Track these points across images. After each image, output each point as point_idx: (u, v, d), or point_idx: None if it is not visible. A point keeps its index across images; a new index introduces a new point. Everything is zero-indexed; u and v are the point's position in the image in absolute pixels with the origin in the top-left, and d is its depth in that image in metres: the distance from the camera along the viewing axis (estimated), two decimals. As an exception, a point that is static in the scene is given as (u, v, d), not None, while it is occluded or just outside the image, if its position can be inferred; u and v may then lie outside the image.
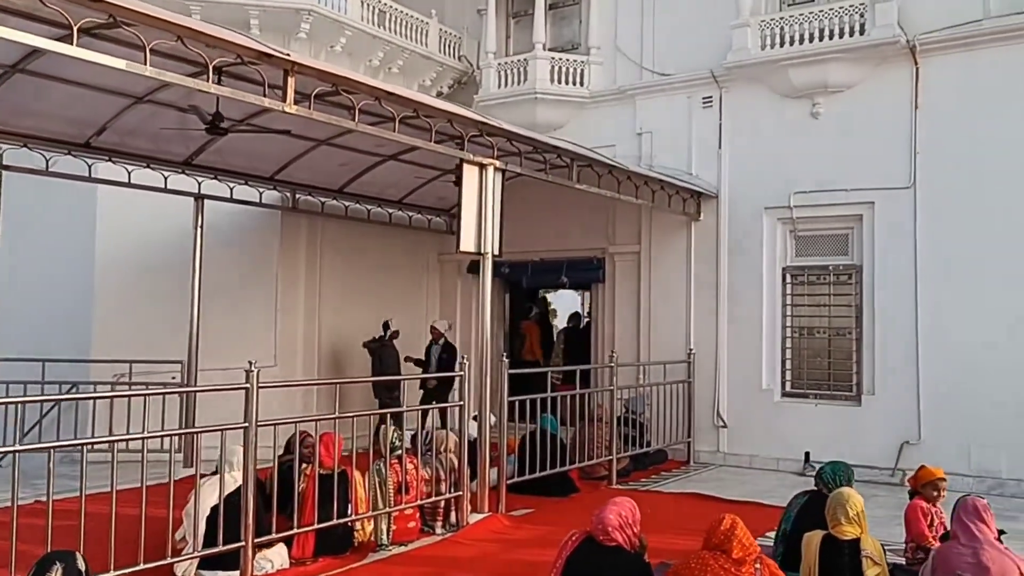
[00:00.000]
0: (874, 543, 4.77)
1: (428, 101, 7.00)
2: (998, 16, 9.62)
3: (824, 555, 4.75)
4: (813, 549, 4.78)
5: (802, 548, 4.88)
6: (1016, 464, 9.38)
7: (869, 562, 4.65)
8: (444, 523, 7.50)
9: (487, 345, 7.79)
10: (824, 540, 4.79)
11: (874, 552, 4.70)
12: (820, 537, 4.81)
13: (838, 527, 4.77)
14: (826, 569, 4.71)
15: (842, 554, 4.69)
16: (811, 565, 4.76)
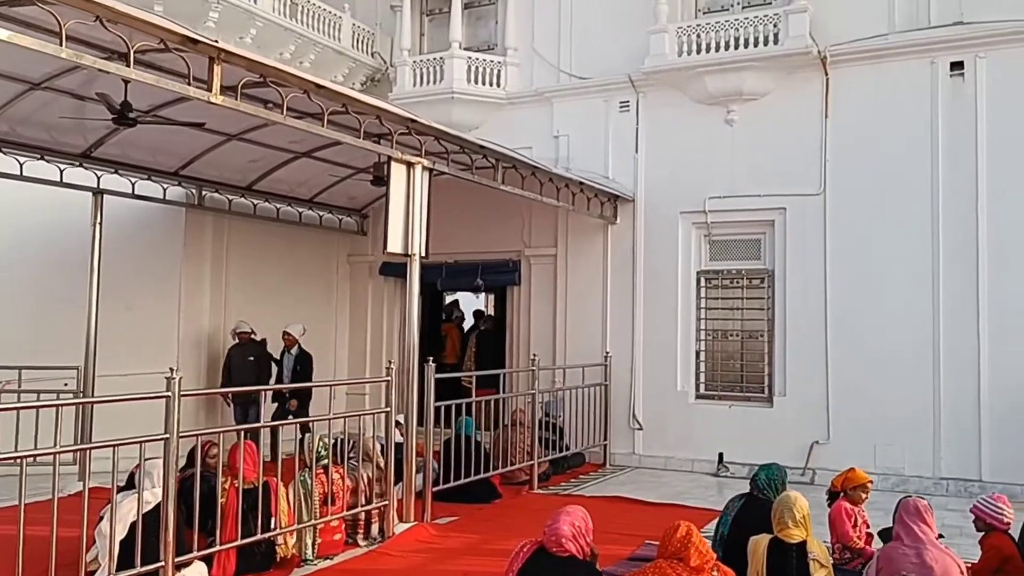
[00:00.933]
0: (820, 545, 4.80)
1: (359, 96, 6.74)
2: (902, 31, 10.02)
3: (771, 559, 4.75)
4: (760, 553, 4.77)
5: (748, 553, 4.87)
6: (918, 461, 9.78)
7: (816, 564, 4.67)
8: (366, 534, 7.24)
9: (414, 348, 7.56)
10: (771, 544, 4.78)
11: (820, 555, 4.73)
12: (767, 541, 4.80)
13: (785, 530, 4.78)
14: (774, 573, 4.71)
15: (790, 557, 4.70)
16: (759, 569, 4.75)
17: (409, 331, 7.59)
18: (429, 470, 7.88)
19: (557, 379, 11.08)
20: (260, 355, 10.93)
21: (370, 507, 7.12)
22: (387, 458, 7.24)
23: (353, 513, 6.96)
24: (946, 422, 9.66)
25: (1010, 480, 9.14)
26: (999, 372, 9.44)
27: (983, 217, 9.59)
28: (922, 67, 9.94)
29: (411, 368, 7.46)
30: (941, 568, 4.35)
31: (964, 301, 9.63)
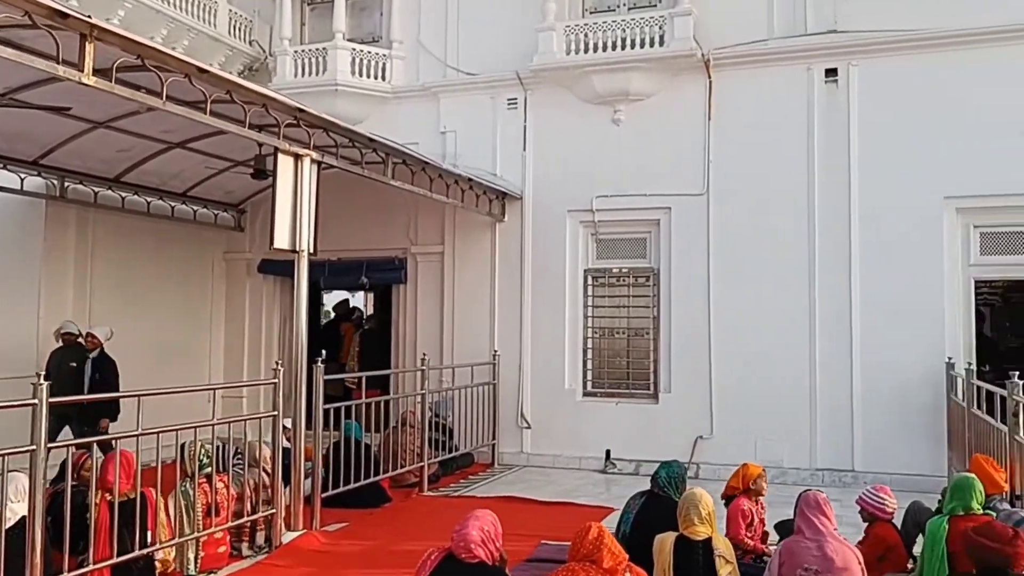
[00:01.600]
0: (725, 542, 4.85)
1: (245, 84, 6.35)
2: (782, 37, 10.37)
3: (678, 556, 4.75)
4: (667, 551, 4.76)
5: (654, 552, 4.85)
6: (795, 453, 10.14)
7: (722, 560, 4.71)
8: (251, 544, 6.88)
9: (302, 349, 7.23)
10: (677, 541, 4.78)
11: (726, 551, 4.77)
12: (673, 539, 4.80)
13: (691, 527, 4.79)
14: (680, 570, 4.71)
15: (696, 554, 4.71)
16: (666, 567, 4.74)
17: (297, 331, 7.25)
18: (318, 475, 7.55)
19: (445, 379, 10.90)
20: (82, 360, 9.42)
21: (256, 516, 6.76)
22: (275, 464, 6.89)
23: (238, 523, 6.59)
24: (822, 416, 10.05)
25: (880, 470, 9.58)
26: (870, 368, 9.89)
27: (855, 219, 10.03)
28: (799, 73, 10.31)
29: (299, 369, 7.13)
30: (841, 559, 4.45)
31: (838, 300, 10.05)
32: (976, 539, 4.38)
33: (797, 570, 4.48)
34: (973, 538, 4.40)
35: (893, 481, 8.16)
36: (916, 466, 9.42)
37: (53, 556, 5.14)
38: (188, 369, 11.96)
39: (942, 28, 9.75)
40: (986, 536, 4.36)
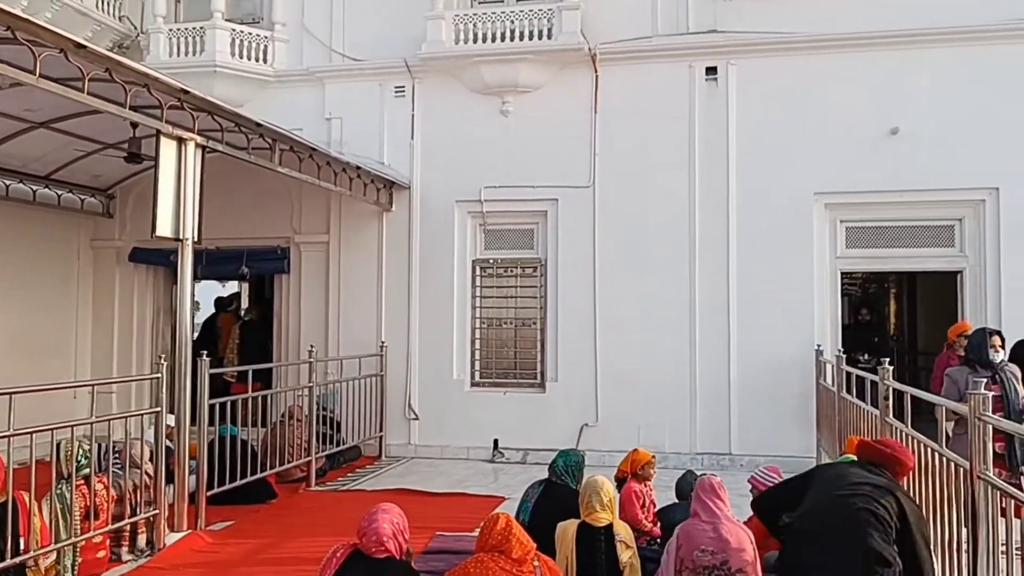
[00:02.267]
0: (625, 527, 4.96)
1: (127, 62, 6.00)
2: (665, 35, 10.65)
3: (580, 543, 4.83)
4: (570, 538, 4.84)
5: (556, 539, 4.91)
6: (676, 439, 10.47)
7: (623, 546, 4.82)
8: (131, 547, 6.56)
9: (187, 342, 6.93)
10: (579, 528, 4.87)
11: (626, 536, 4.88)
12: (575, 526, 4.88)
13: (593, 514, 4.88)
14: (583, 556, 4.80)
15: (598, 540, 4.81)
16: (568, 553, 4.81)
17: (182, 323, 6.95)
18: (203, 473, 7.26)
19: (331, 371, 10.69)
20: None
21: (137, 518, 6.45)
22: (157, 463, 6.58)
23: (118, 527, 6.26)
24: (701, 402, 10.42)
25: (754, 452, 10.03)
26: (745, 356, 10.32)
27: (732, 212, 10.43)
28: (681, 70, 10.62)
29: (184, 363, 6.83)
30: (736, 540, 4.62)
31: (716, 291, 10.43)
32: (874, 445, 4.72)
33: (694, 552, 4.63)
34: (871, 444, 4.75)
35: (767, 463, 8.51)
36: (788, 448, 9.89)
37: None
38: (52, 364, 11.27)
39: (814, 32, 10.25)
40: (881, 443, 4.76)
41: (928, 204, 10.23)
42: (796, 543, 4.46)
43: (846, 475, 4.50)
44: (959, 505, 4.25)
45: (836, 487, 4.42)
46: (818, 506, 4.42)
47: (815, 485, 4.58)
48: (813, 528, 4.36)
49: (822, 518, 4.35)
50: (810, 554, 4.29)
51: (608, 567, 4.74)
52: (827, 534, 4.26)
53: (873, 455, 4.62)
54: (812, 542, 4.30)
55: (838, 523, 4.24)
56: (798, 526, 4.46)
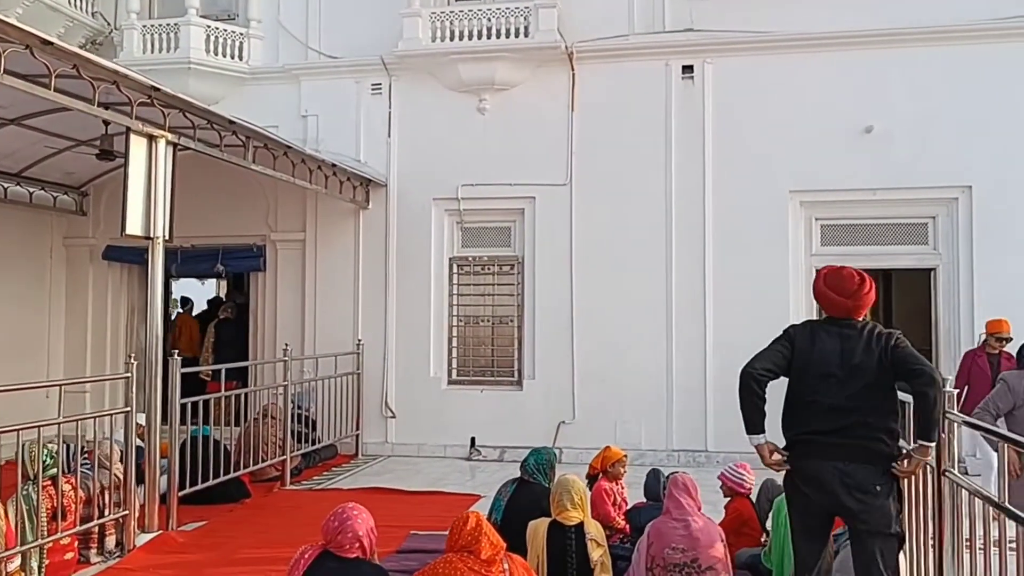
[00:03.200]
0: (596, 526, 4.97)
1: (95, 59, 5.93)
2: (641, 33, 10.66)
3: (551, 541, 4.83)
4: (541, 537, 4.84)
5: (528, 538, 4.92)
6: (653, 436, 10.50)
7: (593, 544, 4.83)
8: (100, 549, 6.49)
9: (157, 341, 6.87)
10: (550, 527, 4.87)
11: (597, 534, 4.89)
12: (547, 524, 4.88)
13: (564, 512, 4.88)
14: (554, 554, 4.80)
15: (569, 538, 4.82)
16: (539, 552, 4.82)
17: (152, 322, 6.88)
18: (174, 473, 7.21)
19: (307, 369, 10.63)
20: None
21: (106, 519, 6.38)
22: (127, 463, 6.52)
23: (87, 528, 6.20)
24: (677, 399, 10.45)
25: (730, 449, 9.99)
26: (721, 352, 10.32)
27: (709, 210, 10.46)
28: (658, 68, 10.63)
29: (155, 362, 6.77)
30: (706, 537, 4.65)
31: (693, 288, 10.46)
32: (824, 289, 4.35)
33: (665, 549, 4.65)
34: (822, 287, 4.36)
35: (743, 459, 8.57)
36: (764, 445, 9.92)
37: None
38: (25, 364, 11.13)
39: (789, 32, 10.31)
40: (835, 288, 4.30)
41: (902, 202, 10.31)
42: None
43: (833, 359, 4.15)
44: (927, 502, 4.28)
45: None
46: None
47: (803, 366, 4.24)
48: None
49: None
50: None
51: (579, 565, 4.75)
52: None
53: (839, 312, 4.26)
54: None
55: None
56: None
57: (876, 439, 4.00)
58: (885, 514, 3.93)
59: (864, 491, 3.94)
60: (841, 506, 4.03)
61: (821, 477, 4.05)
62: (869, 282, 4.26)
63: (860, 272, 4.34)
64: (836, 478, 3.99)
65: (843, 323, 4.24)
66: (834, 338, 4.18)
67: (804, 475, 4.16)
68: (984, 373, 7.32)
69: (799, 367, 4.22)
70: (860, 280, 4.27)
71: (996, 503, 3.51)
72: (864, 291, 4.23)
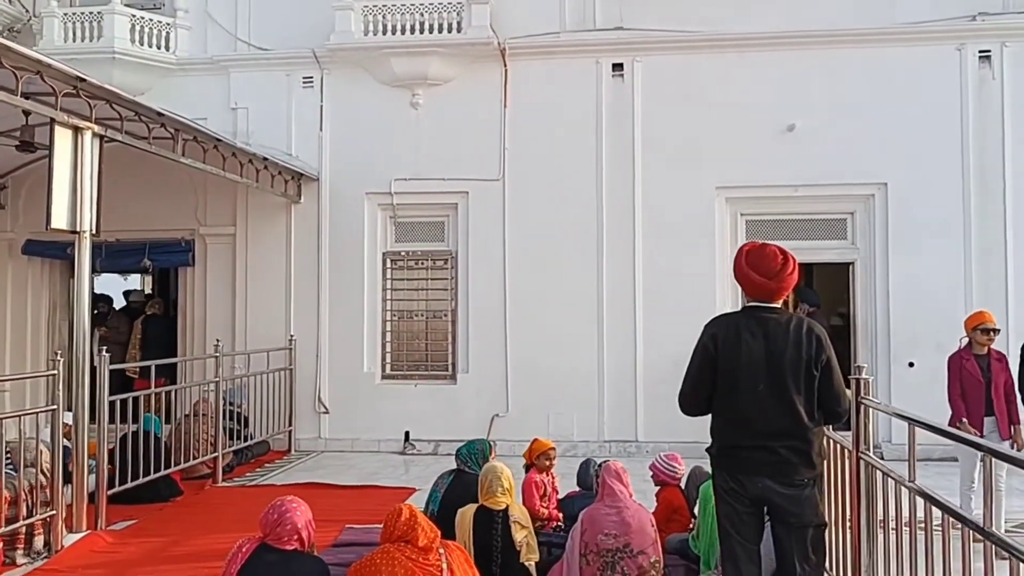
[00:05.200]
0: (521, 509, 5.15)
1: (17, 48, 5.78)
2: (572, 31, 10.82)
3: (477, 526, 4.96)
4: (468, 522, 4.97)
5: (456, 522, 5.03)
6: (585, 427, 10.69)
7: (517, 526, 5.00)
8: (27, 550, 6.36)
9: (84, 338, 6.73)
10: (478, 512, 4.99)
11: (521, 517, 5.06)
12: (473, 510, 5.01)
13: (492, 498, 5.02)
14: (480, 538, 4.93)
15: (495, 522, 4.95)
16: (466, 537, 4.93)
17: (79, 318, 6.74)
18: (103, 472, 7.08)
19: (238, 365, 10.51)
20: None
21: (32, 519, 6.25)
22: (54, 462, 6.39)
23: (12, 529, 6.06)
24: (608, 391, 10.66)
25: (660, 439, 10.26)
26: (651, 345, 10.57)
27: (638, 206, 10.68)
28: (589, 65, 10.81)
29: (83, 359, 6.64)
30: (637, 523, 4.81)
31: (623, 282, 10.67)
32: (747, 269, 4.13)
33: (598, 535, 4.79)
34: (744, 267, 4.14)
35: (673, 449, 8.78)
36: (692, 434, 10.01)
37: None
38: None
39: (715, 32, 10.59)
40: (757, 268, 4.10)
41: (823, 198, 10.69)
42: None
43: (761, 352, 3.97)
44: (846, 484, 4.50)
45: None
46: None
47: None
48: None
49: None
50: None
51: (504, 548, 4.90)
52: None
53: (761, 295, 4.09)
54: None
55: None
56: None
57: (803, 449, 3.89)
58: (813, 505, 3.90)
59: (793, 485, 3.88)
60: (770, 501, 3.95)
61: (748, 487, 3.97)
62: (792, 262, 4.07)
63: (783, 250, 4.12)
64: (764, 488, 3.92)
65: (766, 314, 4.02)
66: (758, 339, 3.95)
67: (731, 486, 4.06)
68: (975, 378, 6.51)
69: (725, 373, 4.00)
70: (783, 259, 4.06)
71: (908, 485, 3.73)
72: (787, 272, 4.03)
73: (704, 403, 4.16)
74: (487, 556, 4.94)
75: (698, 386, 4.14)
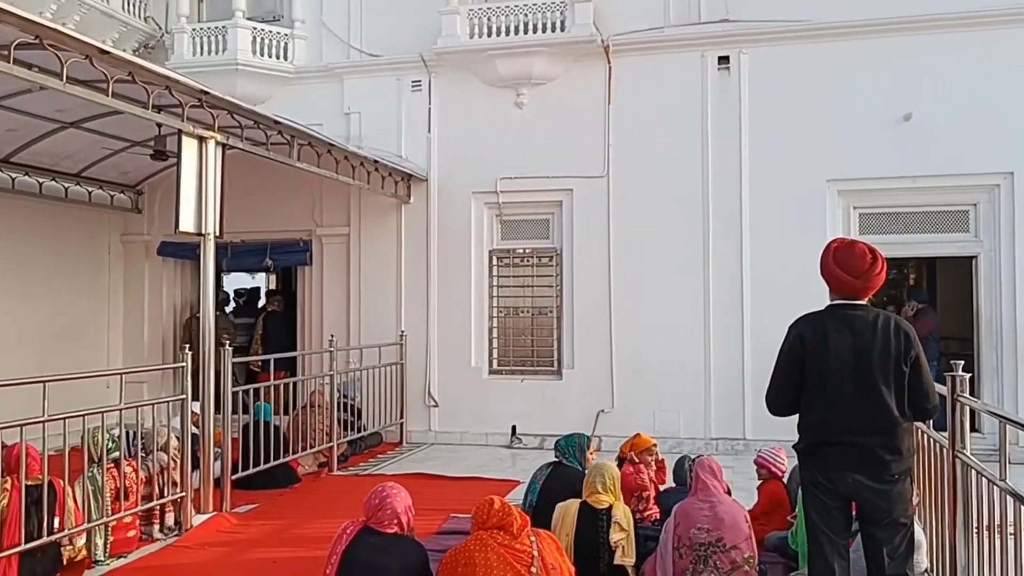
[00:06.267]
0: (625, 511, 5.18)
1: (148, 65, 6.26)
2: (676, 25, 10.76)
3: (581, 522, 5.05)
4: (571, 517, 5.06)
5: (556, 518, 5.13)
6: (691, 424, 10.63)
7: (617, 527, 5.04)
8: (161, 526, 6.89)
9: (210, 332, 7.22)
10: (581, 507, 5.09)
11: (623, 518, 5.10)
12: (577, 505, 5.10)
13: (595, 495, 5.10)
14: (583, 535, 5.02)
15: (598, 520, 5.03)
16: (569, 531, 5.03)
17: (205, 314, 7.23)
18: (227, 458, 7.58)
19: (353, 360, 10.98)
20: None
21: (165, 499, 6.76)
22: (183, 447, 6.89)
23: (148, 507, 6.58)
24: (715, 388, 10.56)
25: (768, 437, 10.04)
26: (759, 341, 10.39)
27: (746, 200, 10.53)
28: (693, 60, 10.72)
29: (208, 353, 7.12)
30: (730, 518, 4.82)
31: (730, 277, 10.54)
32: (834, 267, 4.13)
33: (691, 529, 4.83)
34: (831, 266, 4.14)
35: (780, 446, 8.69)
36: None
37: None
38: (85, 354, 11.67)
39: (825, 20, 10.30)
40: (845, 267, 4.11)
41: (942, 190, 10.25)
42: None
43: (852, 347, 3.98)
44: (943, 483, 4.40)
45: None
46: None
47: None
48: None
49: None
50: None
51: (606, 546, 4.96)
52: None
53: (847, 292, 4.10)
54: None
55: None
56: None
57: (893, 445, 3.88)
58: (904, 500, 3.89)
59: (883, 481, 3.87)
60: (859, 496, 3.94)
61: (838, 484, 3.98)
62: (881, 261, 4.03)
63: (872, 248, 4.08)
64: (853, 484, 3.92)
65: (852, 311, 4.02)
66: (846, 336, 3.96)
67: (819, 481, 4.07)
68: None
69: (813, 372, 4.03)
70: (872, 258, 4.03)
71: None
72: (876, 271, 4.00)
73: (793, 403, 4.20)
74: (588, 552, 5.02)
75: (786, 386, 4.19)
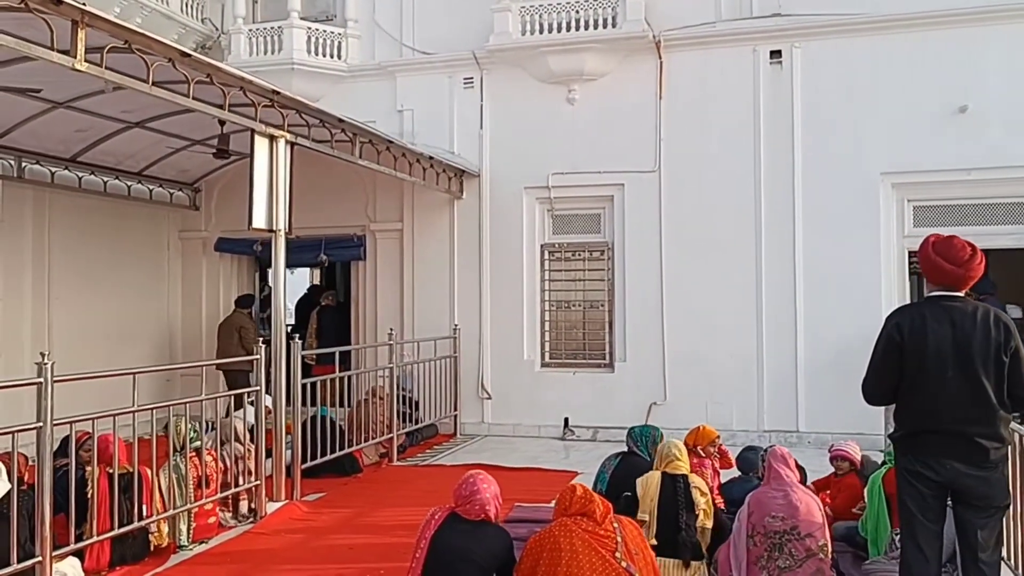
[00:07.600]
0: (698, 477, 5.34)
1: (224, 67, 6.48)
2: (728, 20, 10.79)
3: (663, 490, 5.19)
4: (654, 486, 5.20)
5: (639, 487, 5.25)
6: (744, 417, 10.69)
7: (698, 492, 5.19)
8: (235, 514, 7.12)
9: (281, 326, 7.44)
10: (663, 477, 5.24)
11: (701, 484, 5.26)
12: (659, 475, 5.25)
13: (673, 463, 5.27)
14: (666, 501, 5.15)
15: (678, 486, 5.18)
16: (653, 497, 5.16)
17: (276, 309, 7.45)
18: (297, 448, 7.81)
19: (407, 353, 11.17)
20: None
21: (241, 487, 6.99)
22: (257, 437, 7.12)
23: (226, 495, 6.82)
24: (768, 380, 10.60)
25: (822, 429, 10.18)
26: (812, 333, 10.45)
27: (798, 194, 10.54)
28: (745, 54, 10.75)
29: (280, 346, 7.34)
30: (805, 508, 4.90)
31: (783, 271, 10.57)
32: (934, 256, 4.20)
33: (765, 518, 4.92)
34: (931, 254, 4.20)
35: (835, 440, 8.70)
36: (855, 425, 9.93)
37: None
38: (148, 348, 12.02)
39: (878, 13, 10.28)
40: (945, 256, 4.17)
41: (998, 182, 10.16)
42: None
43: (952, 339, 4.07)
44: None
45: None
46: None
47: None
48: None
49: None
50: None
51: (688, 511, 5.10)
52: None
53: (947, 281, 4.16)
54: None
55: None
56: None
57: (993, 433, 4.00)
58: (1003, 486, 4.06)
59: (983, 467, 4.00)
60: (958, 483, 4.04)
61: (938, 471, 4.07)
62: (980, 254, 4.14)
63: (971, 243, 4.19)
64: (952, 471, 4.04)
65: (951, 302, 4.13)
66: (945, 326, 4.07)
67: (917, 469, 4.16)
68: None
69: (912, 361, 4.13)
70: (972, 251, 4.13)
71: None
72: (976, 262, 4.11)
73: (891, 392, 4.30)
74: (672, 517, 5.14)
75: (884, 375, 4.29)
